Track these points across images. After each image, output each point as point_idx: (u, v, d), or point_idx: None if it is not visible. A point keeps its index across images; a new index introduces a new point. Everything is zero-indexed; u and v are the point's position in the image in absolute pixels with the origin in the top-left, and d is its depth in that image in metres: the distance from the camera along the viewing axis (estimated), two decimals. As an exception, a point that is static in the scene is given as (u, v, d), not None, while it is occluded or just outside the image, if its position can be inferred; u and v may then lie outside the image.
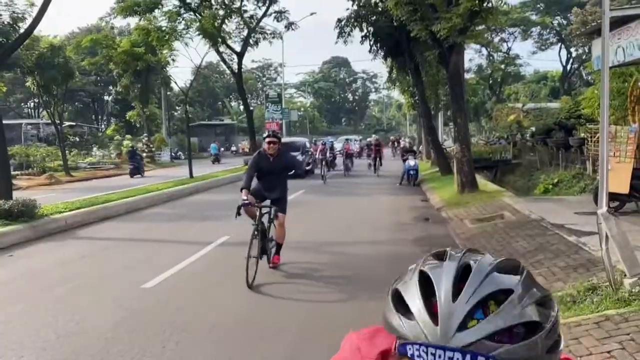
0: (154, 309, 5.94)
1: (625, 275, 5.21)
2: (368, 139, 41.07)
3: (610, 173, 6.58)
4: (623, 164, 8.73)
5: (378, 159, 24.69)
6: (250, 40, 26.74)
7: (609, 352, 4.09)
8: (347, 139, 32.54)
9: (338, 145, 35.67)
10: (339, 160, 27.71)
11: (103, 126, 56.17)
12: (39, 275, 7.66)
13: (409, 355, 0.79)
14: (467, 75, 34.47)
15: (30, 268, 8.07)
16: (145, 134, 38.82)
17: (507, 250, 7.66)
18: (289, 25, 26.91)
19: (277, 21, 26.69)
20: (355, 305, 5.90)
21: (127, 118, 41.13)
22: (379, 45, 21.62)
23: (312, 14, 36.25)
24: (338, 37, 21.27)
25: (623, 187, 8.75)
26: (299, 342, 4.89)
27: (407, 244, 9.19)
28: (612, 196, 8.12)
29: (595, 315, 4.75)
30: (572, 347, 4.27)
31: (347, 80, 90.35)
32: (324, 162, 22.32)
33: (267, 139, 7.17)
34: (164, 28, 25.29)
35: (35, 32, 15.60)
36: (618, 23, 8.33)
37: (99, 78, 49.88)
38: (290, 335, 5.06)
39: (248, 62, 77.21)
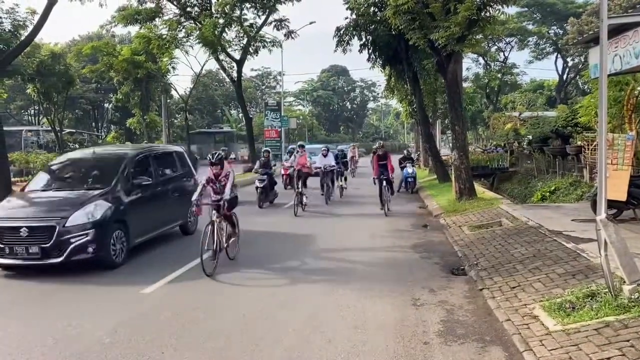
0: (152, 315, 5.94)
1: (624, 281, 5.23)
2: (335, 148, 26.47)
3: (608, 180, 6.62)
4: (620, 171, 8.77)
5: (386, 182, 13.74)
6: (250, 49, 26.81)
7: (608, 358, 4.11)
8: (300, 145, 16.75)
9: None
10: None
11: (103, 133, 56.11)
12: (38, 281, 7.64)
13: None
14: (464, 84, 34.59)
15: (29, 274, 8.05)
16: (145, 141, 38.83)
17: (505, 257, 7.68)
18: (289, 34, 26.98)
19: (277, 30, 26.76)
20: (354, 311, 5.91)
21: (127, 125, 41.14)
22: (377, 53, 21.69)
23: (311, 22, 36.31)
24: (337, 46, 21.32)
25: (620, 195, 8.78)
26: (296, 348, 4.90)
27: (405, 250, 9.20)
28: (610, 203, 8.14)
29: (595, 322, 4.77)
30: (572, 354, 4.29)
31: (345, 88, 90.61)
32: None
33: None
34: (164, 36, 25.39)
35: (36, 39, 15.70)
36: (615, 32, 8.40)
37: (99, 85, 49.90)
38: (287, 342, 5.07)
39: (247, 71, 77.60)
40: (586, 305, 5.15)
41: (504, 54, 47.85)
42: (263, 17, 26.37)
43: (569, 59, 46.44)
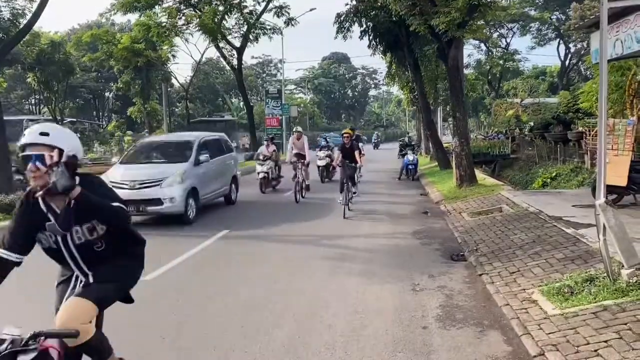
0: (153, 301, 5.98)
1: (622, 266, 5.25)
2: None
3: (608, 166, 6.62)
4: (621, 156, 8.77)
5: None
6: (250, 36, 26.66)
7: (606, 341, 4.13)
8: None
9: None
10: None
11: (104, 122, 56.12)
12: (39, 269, 7.67)
13: None
14: (466, 71, 34.33)
15: (30, 262, 8.10)
16: (146, 130, 38.85)
17: (505, 243, 7.70)
18: (289, 21, 26.80)
19: (277, 17, 26.57)
20: (354, 296, 5.95)
21: (128, 114, 41.11)
22: (378, 40, 21.58)
23: (311, 9, 36.00)
24: (337, 33, 21.21)
25: (621, 180, 8.79)
26: (296, 333, 4.94)
27: (406, 236, 9.23)
28: (610, 189, 8.16)
29: (593, 306, 4.80)
30: (569, 337, 4.32)
31: (346, 76, 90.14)
32: None
33: None
34: (164, 24, 25.24)
35: (36, 28, 15.68)
36: (617, 16, 8.33)
37: (99, 74, 49.78)
38: (287, 326, 5.11)
39: (248, 59, 77.20)
40: (585, 290, 5.17)
41: (505, 40, 47.54)
42: (263, 4, 26.19)
43: (571, 45, 46.06)
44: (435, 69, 24.10)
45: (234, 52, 27.40)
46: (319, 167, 18.39)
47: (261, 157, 15.70)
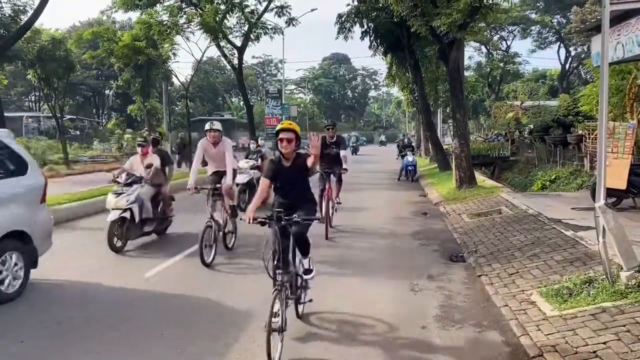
0: (153, 298, 5.99)
1: (621, 268, 5.26)
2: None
3: (608, 169, 6.63)
4: (621, 160, 8.79)
5: None
6: (251, 35, 26.62)
7: (604, 343, 4.15)
8: None
9: None
10: None
11: (104, 120, 56.14)
12: (39, 265, 7.68)
13: None
14: (466, 73, 34.34)
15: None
16: (146, 128, 38.86)
17: (504, 244, 7.71)
18: (290, 21, 26.77)
19: (278, 16, 26.48)
20: (354, 296, 5.95)
21: (128, 112, 41.12)
22: (379, 41, 21.62)
23: (312, 10, 36.08)
24: (338, 33, 21.24)
25: (620, 183, 8.81)
26: (296, 333, 4.93)
27: (405, 237, 9.24)
28: (610, 192, 8.17)
29: (592, 308, 4.81)
30: (568, 339, 4.33)
31: (347, 76, 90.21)
32: None
33: None
34: (165, 22, 25.21)
35: (37, 25, 15.63)
36: (618, 19, 8.35)
37: (100, 72, 49.81)
38: (289, 325, 5.10)
39: (249, 58, 77.31)
40: (583, 292, 5.18)
41: (506, 43, 47.55)
42: (264, 4, 26.16)
43: (571, 49, 46.12)
44: (435, 70, 24.13)
45: (235, 51, 27.37)
46: (237, 185, 10.67)
47: (122, 180, 8.71)
